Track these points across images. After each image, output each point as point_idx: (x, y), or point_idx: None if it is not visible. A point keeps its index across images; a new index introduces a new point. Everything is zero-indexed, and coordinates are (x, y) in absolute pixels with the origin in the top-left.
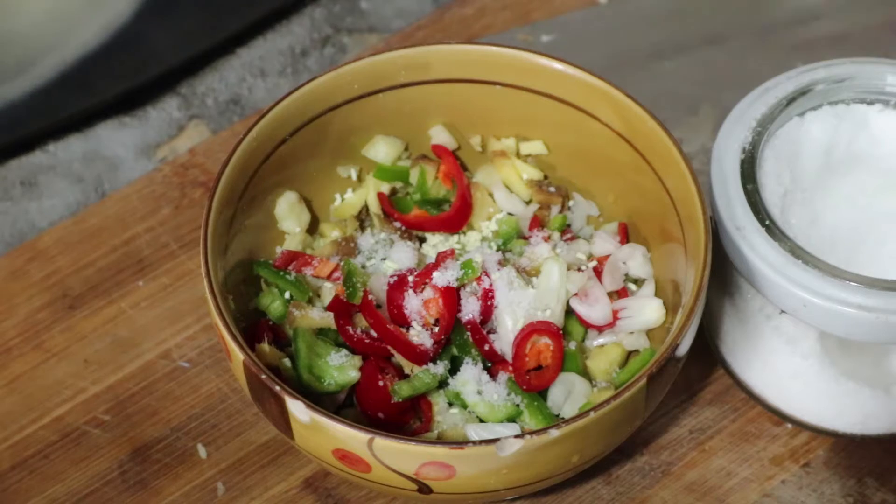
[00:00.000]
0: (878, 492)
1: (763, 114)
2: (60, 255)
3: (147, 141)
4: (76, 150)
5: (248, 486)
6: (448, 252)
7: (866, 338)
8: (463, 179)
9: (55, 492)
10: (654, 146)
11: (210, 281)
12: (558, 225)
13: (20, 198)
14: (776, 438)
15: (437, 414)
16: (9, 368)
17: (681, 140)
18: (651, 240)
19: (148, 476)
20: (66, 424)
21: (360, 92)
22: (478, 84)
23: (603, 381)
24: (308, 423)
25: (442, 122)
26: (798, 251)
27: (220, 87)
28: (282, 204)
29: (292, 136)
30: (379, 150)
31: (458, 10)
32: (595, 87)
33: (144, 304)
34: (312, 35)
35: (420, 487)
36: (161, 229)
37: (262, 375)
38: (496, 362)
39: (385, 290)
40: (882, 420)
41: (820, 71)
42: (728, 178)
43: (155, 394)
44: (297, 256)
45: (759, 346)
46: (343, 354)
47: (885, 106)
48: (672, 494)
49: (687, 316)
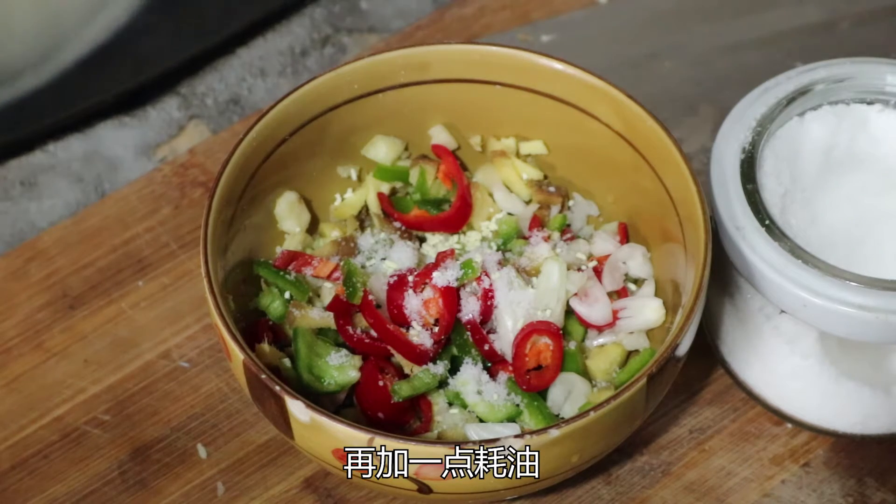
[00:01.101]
0: (878, 492)
1: (763, 114)
2: (60, 255)
3: (147, 141)
4: (76, 150)
5: (248, 486)
6: (448, 252)
7: (866, 338)
8: (463, 179)
9: (55, 492)
10: (654, 146)
11: (210, 281)
12: (558, 225)
13: (20, 198)
14: (776, 438)
15: (437, 414)
16: (9, 368)
17: (681, 140)
18: (651, 240)
19: (148, 476)
20: (66, 424)
21: (360, 92)
22: (478, 84)
23: (603, 381)
24: (308, 423)
25: (442, 122)
26: (798, 251)
27: (220, 87)
28: (282, 204)
29: (292, 136)
30: (379, 150)
31: (458, 10)
32: (595, 87)
33: (144, 304)
34: (312, 35)
35: (420, 487)
36: (161, 229)
37: (262, 375)
38: (496, 362)
39: (385, 290)
40: (882, 420)
41: (820, 71)
42: (728, 178)
43: (155, 394)
44: (297, 256)
45: (759, 346)
46: (343, 354)
47: (885, 106)
48: (672, 494)
49: (687, 316)
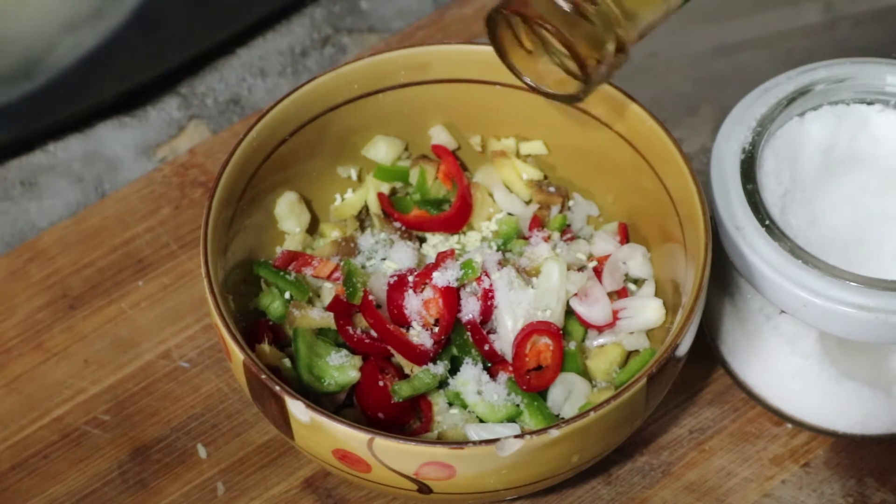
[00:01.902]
0: (878, 492)
1: (763, 114)
2: (60, 255)
3: (147, 141)
4: (76, 150)
5: (248, 486)
6: (448, 252)
7: (866, 338)
8: (463, 179)
9: (55, 492)
10: (654, 146)
11: (210, 281)
12: (558, 225)
13: (20, 198)
14: (776, 438)
15: (437, 414)
16: (9, 368)
17: (681, 140)
18: (651, 240)
19: (148, 476)
20: (66, 424)
21: (360, 92)
22: (478, 84)
23: (603, 381)
24: (308, 423)
25: (442, 122)
26: (798, 251)
27: (220, 87)
28: (282, 204)
29: (292, 136)
30: (379, 150)
31: (458, 10)
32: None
33: (144, 304)
34: (312, 35)
35: (420, 487)
36: (161, 229)
37: (262, 375)
38: (496, 362)
39: (385, 290)
40: (882, 420)
41: (820, 71)
42: (728, 178)
43: (155, 394)
44: (297, 256)
45: (759, 346)
46: (343, 354)
47: (885, 106)
48: (672, 494)
49: (687, 316)
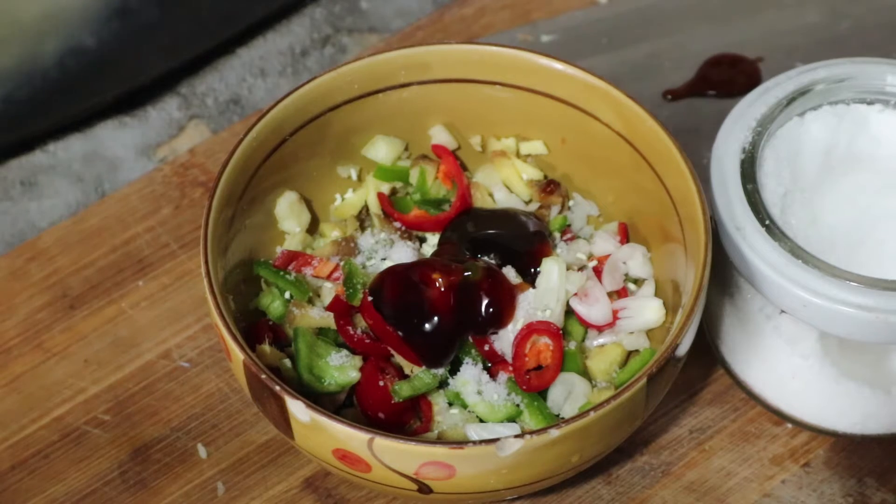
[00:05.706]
0: (878, 492)
1: (763, 114)
2: (60, 255)
3: (147, 141)
4: (76, 150)
5: (248, 486)
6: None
7: (866, 338)
8: (463, 179)
9: (55, 492)
10: (654, 146)
11: (210, 281)
12: (558, 225)
13: (20, 198)
14: (776, 438)
15: (437, 414)
16: (9, 368)
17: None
18: (651, 240)
19: (148, 476)
20: (66, 424)
21: (360, 92)
22: (478, 84)
23: (603, 381)
24: (308, 423)
25: (442, 122)
26: (798, 251)
27: (220, 87)
28: (282, 204)
29: (292, 136)
30: (379, 150)
31: (458, 10)
32: (595, 87)
33: (144, 304)
34: (312, 35)
35: (420, 487)
36: (161, 229)
37: (262, 375)
38: (496, 362)
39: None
40: (882, 420)
41: (820, 71)
42: (728, 178)
43: (155, 394)
44: (297, 256)
45: (759, 346)
46: (343, 354)
47: (885, 106)
48: (672, 494)
49: (687, 316)
